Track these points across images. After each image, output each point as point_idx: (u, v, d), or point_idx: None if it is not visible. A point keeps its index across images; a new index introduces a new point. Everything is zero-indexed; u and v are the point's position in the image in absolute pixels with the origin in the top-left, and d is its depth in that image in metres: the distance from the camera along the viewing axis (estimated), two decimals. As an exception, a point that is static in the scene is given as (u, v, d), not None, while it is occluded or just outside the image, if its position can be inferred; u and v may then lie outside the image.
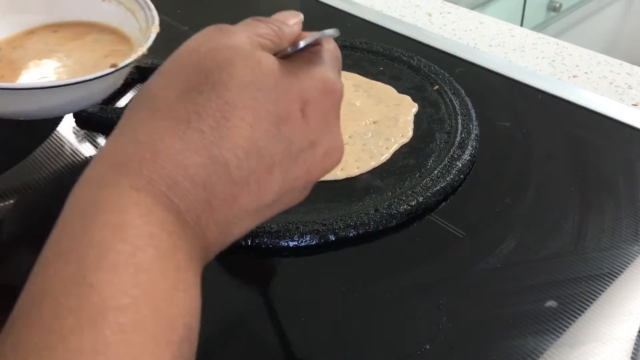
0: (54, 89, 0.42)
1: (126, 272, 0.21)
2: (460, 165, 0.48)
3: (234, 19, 0.30)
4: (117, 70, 0.45)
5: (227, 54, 0.26)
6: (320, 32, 0.29)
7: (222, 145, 0.25)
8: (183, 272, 0.23)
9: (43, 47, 0.52)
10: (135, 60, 0.47)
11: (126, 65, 0.46)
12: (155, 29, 0.50)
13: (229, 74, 0.25)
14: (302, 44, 0.29)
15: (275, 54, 0.28)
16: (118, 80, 0.50)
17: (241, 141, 0.25)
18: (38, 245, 0.27)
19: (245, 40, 0.27)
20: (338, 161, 0.30)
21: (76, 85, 0.43)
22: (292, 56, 0.29)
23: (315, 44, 0.29)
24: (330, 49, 0.30)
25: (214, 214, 0.25)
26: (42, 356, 0.20)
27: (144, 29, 0.51)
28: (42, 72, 0.50)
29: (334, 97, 0.28)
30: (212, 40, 0.27)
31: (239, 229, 0.27)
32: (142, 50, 0.48)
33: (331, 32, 0.29)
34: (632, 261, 0.41)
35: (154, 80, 0.26)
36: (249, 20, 0.30)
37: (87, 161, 0.53)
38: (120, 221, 0.22)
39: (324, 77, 0.28)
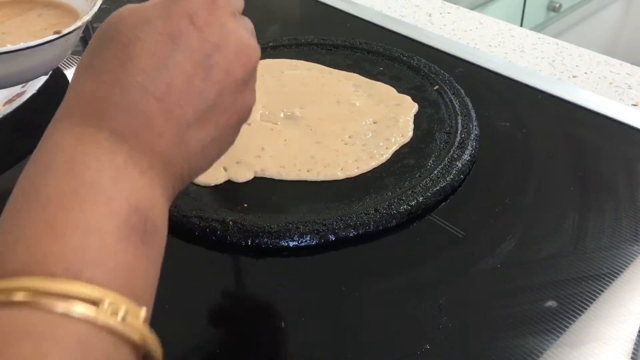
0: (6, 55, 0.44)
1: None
2: (460, 165, 0.48)
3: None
4: (60, 37, 0.45)
5: (119, 16, 0.29)
6: None
7: (130, 73, 0.27)
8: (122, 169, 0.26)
9: None
10: (80, 27, 0.48)
11: (70, 32, 0.46)
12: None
13: (122, 24, 0.28)
14: None
15: None
16: (65, 50, 0.50)
17: (147, 63, 0.27)
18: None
19: (157, 13, 0.29)
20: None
21: (19, 53, 0.43)
22: None
23: None
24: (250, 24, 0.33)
25: (154, 128, 0.27)
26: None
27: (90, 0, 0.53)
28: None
29: (247, 52, 0.32)
30: (122, 13, 0.29)
31: (193, 140, 0.29)
32: (87, 17, 0.48)
33: None
34: (632, 261, 0.41)
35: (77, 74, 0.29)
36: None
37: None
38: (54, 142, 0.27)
39: (240, 37, 0.31)
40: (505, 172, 0.50)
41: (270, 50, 0.66)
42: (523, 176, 0.49)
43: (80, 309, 0.22)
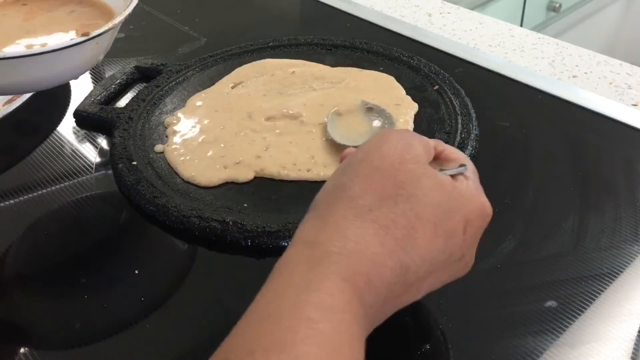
0: (14, 60, 0.39)
1: (321, 347, 0.25)
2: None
3: (234, 19, 0.30)
4: (89, 39, 0.40)
5: (417, 170, 0.31)
6: (464, 160, 0.35)
7: (408, 252, 0.29)
8: (359, 348, 0.27)
9: (7, 21, 0.48)
10: (111, 29, 0.42)
11: (100, 34, 0.41)
12: None
13: (421, 190, 0.30)
14: (456, 170, 0.34)
15: None
16: (97, 54, 0.45)
17: (421, 250, 0.30)
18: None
19: (423, 152, 0.33)
20: (468, 270, 0.34)
21: (39, 57, 0.39)
22: (454, 177, 0.33)
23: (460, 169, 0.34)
24: (474, 170, 0.35)
25: (383, 308, 0.29)
26: None
27: None
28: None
29: (487, 219, 0.33)
30: (399, 150, 0.32)
31: (383, 319, 0.31)
32: (121, 17, 0.43)
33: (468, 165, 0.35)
34: (631, 261, 0.41)
35: (348, 178, 0.31)
36: (406, 130, 0.35)
37: (86, 161, 0.53)
38: (328, 304, 0.26)
39: (483, 202, 0.33)
40: (505, 172, 0.50)
41: (270, 50, 0.66)
42: (523, 176, 0.49)
43: None
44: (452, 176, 0.33)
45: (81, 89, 0.63)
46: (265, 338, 0.25)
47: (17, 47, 0.46)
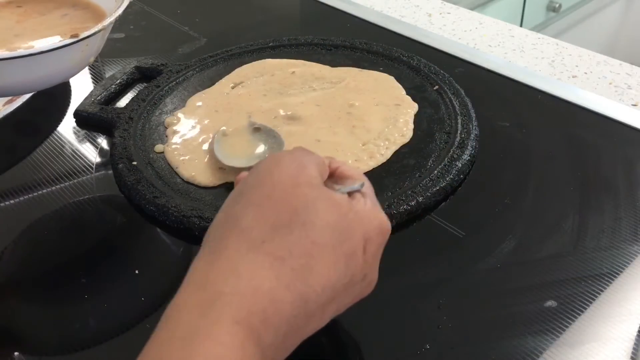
0: (5, 61, 0.39)
1: None
2: (460, 165, 0.48)
3: (234, 19, 0.30)
4: (78, 41, 0.40)
5: (311, 194, 0.30)
6: (359, 182, 0.33)
7: (307, 281, 0.28)
8: None
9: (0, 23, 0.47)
10: (101, 31, 0.42)
11: (90, 36, 0.41)
12: None
13: (315, 214, 0.29)
14: (351, 188, 0.32)
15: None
16: (88, 56, 0.44)
17: (321, 278, 0.28)
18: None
19: (317, 174, 0.31)
20: (370, 290, 0.33)
21: (28, 59, 0.39)
22: (350, 195, 0.32)
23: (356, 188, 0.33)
24: (370, 185, 0.34)
25: (285, 342, 0.28)
26: None
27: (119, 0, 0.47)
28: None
29: (386, 236, 0.32)
30: (292, 174, 0.30)
31: (289, 351, 0.29)
32: (111, 19, 0.43)
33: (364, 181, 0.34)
34: (631, 261, 0.41)
35: (241, 208, 0.30)
36: (300, 148, 0.34)
37: (87, 161, 0.53)
38: (218, 354, 0.25)
39: (382, 218, 0.32)
40: (505, 172, 0.50)
41: (270, 50, 0.66)
42: (523, 176, 0.49)
43: None
44: (349, 194, 0.32)
45: (81, 89, 0.63)
46: None
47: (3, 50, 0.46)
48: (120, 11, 0.44)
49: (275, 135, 0.51)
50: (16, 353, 0.37)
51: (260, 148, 0.50)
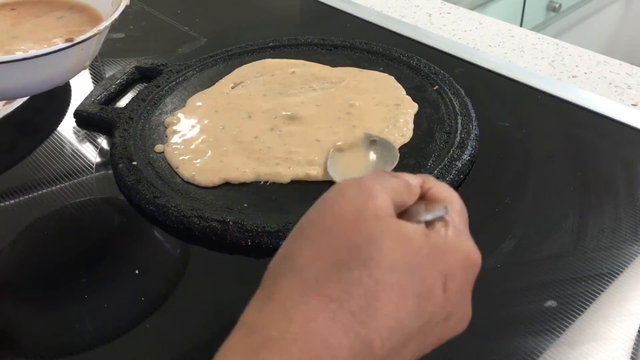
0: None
1: None
2: (459, 165, 0.48)
3: (234, 19, 0.30)
4: (73, 45, 0.39)
5: (376, 228, 0.26)
6: (444, 207, 0.30)
7: (369, 325, 0.25)
8: None
9: None
10: (98, 35, 0.42)
11: (85, 40, 0.41)
12: (124, 1, 0.45)
13: (380, 251, 0.26)
14: (433, 216, 0.29)
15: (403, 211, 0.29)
16: (83, 60, 0.44)
17: (386, 321, 0.25)
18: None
19: (387, 202, 0.28)
20: (465, 327, 0.30)
21: (21, 63, 0.38)
22: (428, 224, 0.28)
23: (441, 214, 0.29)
24: (459, 210, 0.30)
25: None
26: None
27: (115, 3, 0.46)
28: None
29: (475, 270, 0.29)
30: (356, 205, 0.27)
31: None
32: (107, 23, 0.42)
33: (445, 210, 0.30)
34: (631, 261, 0.41)
35: (298, 246, 0.27)
36: (379, 172, 0.30)
37: (87, 161, 0.53)
38: None
39: (467, 250, 0.28)
40: (505, 172, 0.50)
41: (270, 50, 0.66)
42: (523, 176, 0.49)
43: None
44: (427, 224, 0.28)
45: (81, 89, 0.63)
46: None
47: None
48: (116, 15, 0.44)
49: (391, 147, 0.49)
50: (16, 353, 0.37)
51: (372, 161, 0.48)
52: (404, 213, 0.29)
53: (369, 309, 0.25)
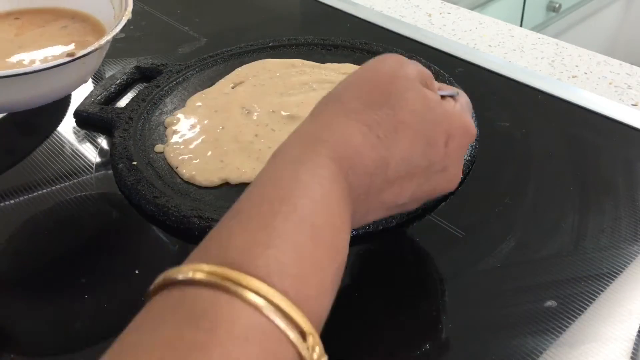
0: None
1: (315, 202, 0.28)
2: (460, 165, 0.48)
3: (234, 19, 0.30)
4: (75, 60, 0.39)
5: (405, 84, 0.34)
6: (455, 89, 0.40)
7: (389, 149, 0.32)
8: (347, 225, 0.31)
9: None
10: (100, 49, 0.42)
11: (87, 54, 0.41)
12: (127, 15, 0.45)
13: (405, 100, 0.34)
14: (447, 92, 0.38)
15: None
16: (85, 74, 0.44)
17: (401, 151, 0.33)
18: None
19: (415, 74, 0.35)
20: (454, 187, 0.37)
21: (21, 77, 0.38)
22: (444, 98, 0.37)
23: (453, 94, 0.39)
24: (467, 101, 0.40)
25: (367, 198, 0.32)
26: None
27: (117, 16, 0.46)
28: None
29: (470, 138, 0.37)
30: (392, 67, 0.35)
31: (372, 217, 0.35)
32: (108, 37, 0.42)
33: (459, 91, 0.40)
34: (631, 261, 0.41)
35: (342, 88, 0.35)
36: (414, 61, 0.38)
37: (87, 161, 0.53)
38: (319, 173, 0.30)
39: (467, 121, 0.37)
40: (505, 172, 0.50)
41: (270, 50, 0.66)
42: (523, 176, 0.49)
43: (293, 335, 0.24)
44: (442, 97, 0.36)
45: (81, 89, 0.63)
46: (269, 193, 0.28)
47: (7, 65, 0.45)
48: (118, 29, 0.44)
49: None
50: (15, 352, 0.37)
51: None
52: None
53: (390, 137, 0.32)
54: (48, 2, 0.50)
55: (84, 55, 0.41)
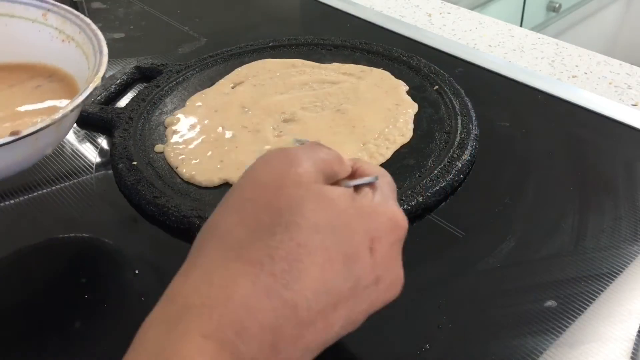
0: None
1: None
2: (459, 165, 0.48)
3: (234, 19, 0.30)
4: (19, 139, 0.33)
5: (297, 193, 0.27)
6: (374, 171, 0.31)
7: (293, 287, 0.25)
8: None
9: None
10: (48, 125, 0.34)
11: (33, 133, 0.34)
12: (95, 81, 0.38)
13: (302, 215, 0.26)
14: (361, 181, 0.30)
15: (333, 183, 0.29)
16: (42, 149, 0.37)
17: (311, 283, 0.25)
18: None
19: (311, 170, 0.28)
20: (398, 293, 0.30)
21: None
22: (356, 189, 0.29)
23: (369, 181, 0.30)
24: (389, 181, 0.31)
25: (278, 356, 0.25)
26: None
27: (89, 79, 0.40)
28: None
29: (400, 232, 0.29)
30: (279, 173, 0.27)
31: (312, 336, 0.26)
32: (62, 112, 0.35)
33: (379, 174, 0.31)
34: (631, 261, 0.41)
35: (221, 214, 0.27)
36: (311, 144, 0.31)
37: (87, 161, 0.53)
38: None
39: (392, 213, 0.29)
40: (505, 172, 0.50)
41: (270, 50, 0.66)
42: (523, 176, 0.49)
43: None
44: (356, 189, 0.29)
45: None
46: None
47: None
48: (80, 99, 0.36)
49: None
50: (14, 351, 0.37)
51: None
52: (335, 184, 0.30)
53: (292, 271, 0.25)
54: (26, 57, 0.46)
55: (28, 135, 0.34)
